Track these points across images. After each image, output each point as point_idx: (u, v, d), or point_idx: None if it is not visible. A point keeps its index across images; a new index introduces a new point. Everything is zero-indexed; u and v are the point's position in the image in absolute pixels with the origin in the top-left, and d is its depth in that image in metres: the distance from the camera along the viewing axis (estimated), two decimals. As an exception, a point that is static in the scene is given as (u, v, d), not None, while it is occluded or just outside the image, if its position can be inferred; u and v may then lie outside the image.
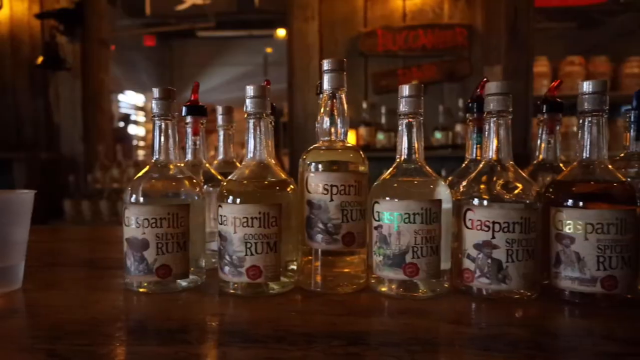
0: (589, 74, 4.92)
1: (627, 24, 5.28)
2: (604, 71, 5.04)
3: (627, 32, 5.29)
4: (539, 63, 5.00)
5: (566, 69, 4.94)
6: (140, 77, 7.07)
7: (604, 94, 0.60)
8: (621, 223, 0.56)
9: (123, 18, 6.49)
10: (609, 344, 0.45)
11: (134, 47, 6.81)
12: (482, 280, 0.59)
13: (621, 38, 5.41)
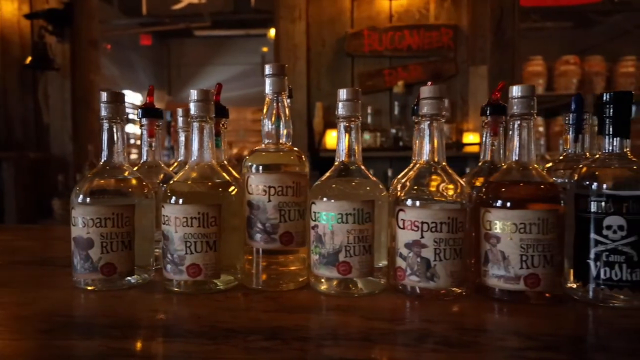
0: (584, 73, 4.93)
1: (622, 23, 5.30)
2: (599, 70, 5.05)
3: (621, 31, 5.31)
4: (534, 62, 5.02)
5: (561, 68, 4.95)
6: (137, 76, 7.09)
7: (532, 98, 0.62)
8: (543, 223, 0.58)
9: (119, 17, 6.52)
10: (512, 339, 0.47)
11: (131, 46, 6.84)
12: (412, 278, 0.61)
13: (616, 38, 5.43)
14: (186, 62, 7.77)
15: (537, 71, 4.97)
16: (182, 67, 7.77)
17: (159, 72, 7.75)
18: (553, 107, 5.17)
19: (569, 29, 5.41)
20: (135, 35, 6.81)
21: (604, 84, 4.98)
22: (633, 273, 0.57)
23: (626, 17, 5.21)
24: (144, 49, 7.11)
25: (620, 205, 0.57)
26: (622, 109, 0.60)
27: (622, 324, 0.52)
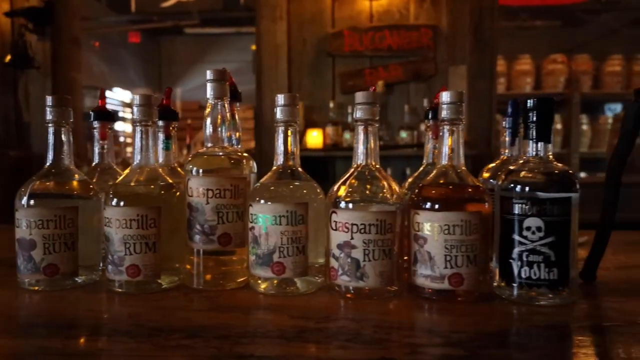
0: (572, 72, 4.98)
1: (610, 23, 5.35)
2: (586, 69, 5.10)
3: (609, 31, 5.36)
4: (522, 61, 5.06)
5: (549, 67, 5.00)
6: (127, 73, 7.07)
7: (460, 103, 0.64)
8: (466, 224, 0.60)
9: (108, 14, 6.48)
10: (422, 336, 0.50)
11: (120, 44, 6.80)
12: (343, 278, 0.63)
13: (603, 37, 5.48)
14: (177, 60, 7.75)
15: (525, 70, 5.02)
16: (173, 65, 7.75)
17: (149, 70, 7.72)
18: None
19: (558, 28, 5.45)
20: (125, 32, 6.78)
21: (591, 82, 5.03)
22: (550, 272, 0.59)
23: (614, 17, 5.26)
24: (133, 47, 7.08)
25: (539, 207, 0.59)
26: (544, 115, 0.62)
27: (534, 321, 0.55)
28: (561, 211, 0.59)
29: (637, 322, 0.54)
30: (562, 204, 0.59)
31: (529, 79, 4.98)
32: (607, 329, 0.53)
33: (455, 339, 0.49)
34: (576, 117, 4.98)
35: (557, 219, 0.59)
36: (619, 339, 0.50)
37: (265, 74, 2.87)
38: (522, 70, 4.93)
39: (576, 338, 0.50)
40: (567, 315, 0.57)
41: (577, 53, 5.08)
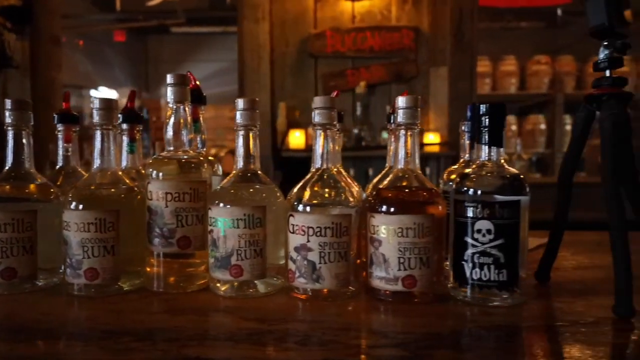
0: (555, 72, 5.05)
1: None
2: (569, 70, 5.18)
3: (592, 32, 5.43)
4: (507, 62, 5.11)
5: (533, 68, 5.06)
6: (113, 72, 7.00)
7: (416, 108, 0.65)
8: (419, 227, 0.62)
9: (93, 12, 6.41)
10: (370, 337, 0.51)
11: (106, 42, 6.74)
12: (300, 280, 0.64)
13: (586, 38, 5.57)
14: (164, 59, 7.70)
15: (510, 71, 5.08)
16: (160, 64, 7.70)
17: (135, 69, 7.66)
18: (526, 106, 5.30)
19: (542, 29, 5.52)
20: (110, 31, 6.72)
21: (574, 83, 5.11)
22: (500, 274, 0.61)
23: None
24: (119, 45, 7.02)
25: (489, 211, 0.61)
26: (496, 120, 0.64)
27: (482, 322, 0.56)
28: (510, 214, 0.61)
29: (579, 322, 0.56)
30: (511, 207, 0.61)
31: (514, 79, 5.04)
32: (550, 329, 0.55)
33: (402, 340, 0.50)
34: (560, 117, 5.06)
35: (506, 221, 0.60)
36: (560, 339, 0.52)
37: (248, 75, 2.87)
38: (507, 71, 4.99)
39: (519, 338, 0.52)
40: (515, 315, 0.58)
41: (561, 54, 5.16)
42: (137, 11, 6.18)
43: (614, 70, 0.63)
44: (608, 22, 0.60)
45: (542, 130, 5.15)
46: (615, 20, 0.60)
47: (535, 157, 5.36)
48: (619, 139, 0.60)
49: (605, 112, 0.61)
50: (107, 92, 6.74)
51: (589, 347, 0.49)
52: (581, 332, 0.52)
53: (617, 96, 0.62)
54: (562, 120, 5.12)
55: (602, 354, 0.47)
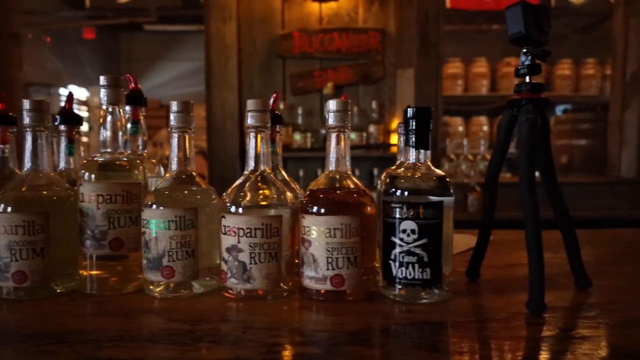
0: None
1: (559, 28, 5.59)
2: (538, 73, 5.30)
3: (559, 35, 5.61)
4: (478, 64, 5.21)
5: (503, 70, 5.17)
6: (84, 70, 6.85)
7: (346, 111, 0.67)
8: (346, 228, 0.63)
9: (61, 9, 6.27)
10: (281, 335, 0.52)
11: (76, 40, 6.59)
12: (232, 280, 0.65)
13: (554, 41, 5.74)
14: (136, 57, 7.58)
15: (481, 72, 5.18)
16: (132, 62, 7.57)
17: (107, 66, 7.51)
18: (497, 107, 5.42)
19: (513, 32, 5.65)
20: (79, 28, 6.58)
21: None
22: (424, 272, 0.63)
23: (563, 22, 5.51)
24: (90, 43, 6.87)
25: (413, 211, 0.63)
26: (422, 124, 0.66)
27: (401, 319, 0.58)
28: (433, 215, 0.63)
29: (494, 318, 0.58)
30: (434, 208, 0.63)
31: (485, 81, 5.15)
32: (464, 325, 0.57)
33: (318, 338, 0.51)
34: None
35: (429, 222, 0.63)
36: (470, 334, 0.54)
37: (215, 75, 2.85)
38: (478, 73, 5.09)
39: (431, 334, 0.54)
40: (436, 312, 0.60)
41: (530, 57, 5.28)
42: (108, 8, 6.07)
43: (533, 76, 0.66)
44: (525, 30, 0.63)
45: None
46: (532, 28, 0.63)
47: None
48: (534, 141, 0.63)
49: (523, 116, 0.64)
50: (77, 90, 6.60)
51: (496, 341, 0.51)
52: (491, 327, 0.55)
53: (535, 101, 0.65)
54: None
55: (507, 347, 0.50)
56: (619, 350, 0.48)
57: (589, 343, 0.50)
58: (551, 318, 0.57)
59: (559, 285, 0.71)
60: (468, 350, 0.49)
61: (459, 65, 4.58)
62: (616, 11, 3.19)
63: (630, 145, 3.07)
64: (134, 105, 0.80)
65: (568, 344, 0.50)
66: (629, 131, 3.07)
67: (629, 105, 3.07)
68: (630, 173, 3.07)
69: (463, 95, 5.17)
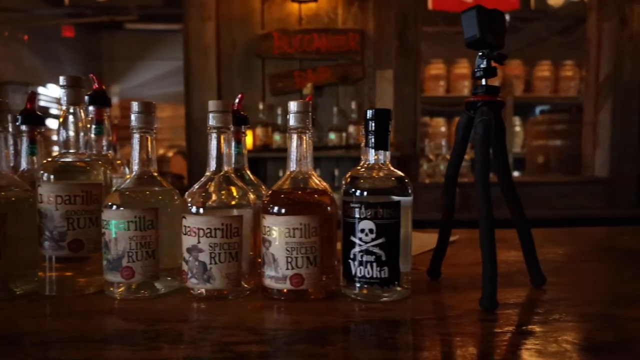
0: (505, 76, 5.26)
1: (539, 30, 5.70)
2: (518, 74, 5.41)
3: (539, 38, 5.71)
4: (460, 65, 5.27)
5: (485, 72, 5.23)
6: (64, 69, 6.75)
7: (307, 113, 0.68)
8: (305, 228, 0.64)
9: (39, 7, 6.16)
10: (236, 334, 0.52)
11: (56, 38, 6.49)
12: (192, 280, 0.65)
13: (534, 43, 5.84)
14: (119, 56, 7.48)
15: (463, 73, 5.25)
16: (114, 61, 7.48)
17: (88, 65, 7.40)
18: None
19: (494, 34, 5.74)
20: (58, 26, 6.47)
21: (523, 86, 5.35)
22: (381, 271, 0.64)
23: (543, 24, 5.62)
24: (70, 41, 6.77)
25: (371, 211, 0.64)
26: (381, 125, 0.67)
27: (357, 317, 0.59)
28: (391, 214, 0.64)
29: (448, 315, 0.59)
30: (391, 208, 0.64)
31: (467, 82, 5.23)
32: (418, 322, 0.58)
33: (271, 336, 0.52)
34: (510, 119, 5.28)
35: (387, 221, 0.64)
36: (421, 331, 0.55)
37: (194, 75, 2.84)
38: (461, 74, 5.16)
39: (382, 331, 0.55)
40: (392, 310, 0.61)
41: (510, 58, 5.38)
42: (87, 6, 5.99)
43: (489, 79, 0.68)
44: (480, 34, 0.64)
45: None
46: (487, 32, 0.65)
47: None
48: (488, 142, 0.64)
49: (478, 117, 0.65)
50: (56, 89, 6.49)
51: (447, 337, 0.52)
52: (444, 324, 0.56)
53: (490, 103, 0.66)
54: (512, 122, 5.36)
55: (456, 343, 0.51)
56: (565, 346, 0.49)
57: (534, 338, 0.51)
58: (503, 314, 0.59)
59: (516, 283, 0.73)
60: (417, 347, 0.50)
61: (441, 67, 4.63)
62: (590, 15, 3.26)
63: (604, 146, 3.15)
64: (97, 105, 0.79)
65: (514, 339, 0.52)
66: (602, 132, 3.15)
67: (602, 107, 3.14)
68: (604, 173, 3.14)
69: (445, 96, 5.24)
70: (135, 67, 7.28)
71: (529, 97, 5.39)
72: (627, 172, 3.05)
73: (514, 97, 5.27)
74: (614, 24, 3.03)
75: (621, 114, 3.05)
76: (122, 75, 7.25)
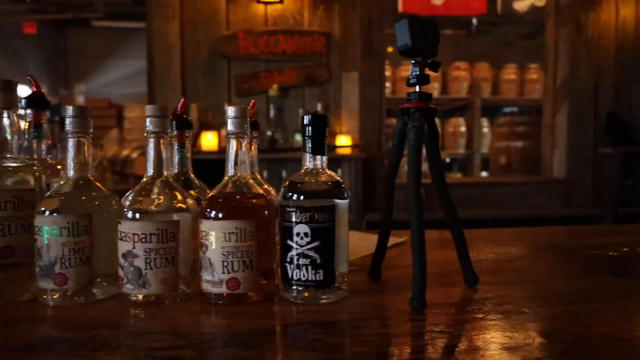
0: (474, 78, 5.38)
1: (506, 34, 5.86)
2: (486, 76, 5.54)
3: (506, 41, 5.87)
4: (429, 67, 5.33)
5: (453, 74, 5.35)
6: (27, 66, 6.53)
7: (244, 118, 0.68)
8: (241, 232, 0.65)
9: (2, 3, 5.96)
10: (163, 339, 0.53)
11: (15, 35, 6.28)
12: (128, 286, 0.65)
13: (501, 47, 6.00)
14: (84, 54, 7.29)
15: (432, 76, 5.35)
16: (80, 59, 7.29)
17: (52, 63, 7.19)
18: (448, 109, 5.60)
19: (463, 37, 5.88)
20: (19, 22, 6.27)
21: (490, 89, 5.48)
22: (317, 274, 0.65)
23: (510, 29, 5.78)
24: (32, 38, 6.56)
25: (306, 215, 0.65)
26: (318, 130, 0.68)
27: (289, 319, 0.60)
28: (325, 218, 0.65)
29: (380, 316, 0.61)
30: (326, 211, 0.65)
31: (437, 84, 5.33)
32: (348, 323, 0.59)
33: (199, 341, 0.52)
34: (477, 120, 5.41)
35: (321, 225, 0.65)
36: (349, 333, 0.56)
37: (158, 75, 2.80)
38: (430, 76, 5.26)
39: (312, 333, 0.56)
40: (324, 312, 0.62)
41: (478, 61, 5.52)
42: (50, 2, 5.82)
43: (422, 86, 0.70)
44: (411, 43, 0.66)
45: (462, 132, 5.50)
46: (420, 41, 0.67)
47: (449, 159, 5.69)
48: (420, 147, 0.66)
49: (411, 123, 0.67)
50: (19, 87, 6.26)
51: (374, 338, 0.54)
52: (373, 325, 0.58)
53: (422, 110, 0.68)
54: (480, 123, 5.49)
55: (380, 343, 0.52)
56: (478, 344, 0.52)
57: (454, 338, 0.54)
58: (431, 314, 0.61)
59: (451, 283, 0.75)
60: (339, 349, 0.51)
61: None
62: (548, 21, 3.37)
63: (561, 147, 3.26)
64: (35, 109, 0.78)
65: (437, 338, 0.54)
66: (560, 134, 3.26)
67: (560, 110, 3.26)
68: (561, 173, 3.26)
69: (414, 98, 5.30)
70: (102, 66, 7.12)
71: (497, 99, 5.54)
72: (582, 173, 3.18)
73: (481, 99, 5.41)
74: (569, 31, 3.14)
75: (577, 117, 3.17)
76: (88, 74, 7.08)
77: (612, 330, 0.55)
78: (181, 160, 0.82)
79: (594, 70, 3.13)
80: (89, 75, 7.08)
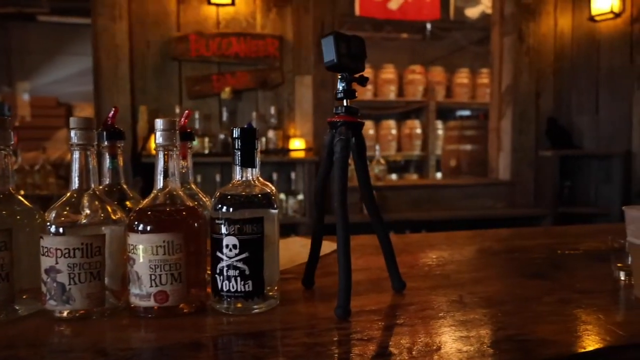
0: (428, 82, 5.53)
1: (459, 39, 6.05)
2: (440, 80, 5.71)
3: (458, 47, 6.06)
4: (386, 70, 5.45)
5: (409, 77, 5.48)
6: (-35, 62, 6.16)
7: (174, 130, 0.69)
8: (169, 245, 0.65)
9: None
10: (88, 357, 0.52)
11: (-49, 29, 5.91)
12: (51, 302, 0.64)
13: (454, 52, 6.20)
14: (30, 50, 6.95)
15: (389, 78, 5.46)
16: (25, 55, 6.93)
17: (-5, 59, 6.81)
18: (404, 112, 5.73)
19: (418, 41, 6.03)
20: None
21: (444, 92, 5.66)
22: (245, 284, 0.66)
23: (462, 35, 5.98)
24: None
25: (234, 227, 0.66)
26: (247, 143, 0.69)
27: (215, 331, 0.61)
28: (254, 230, 0.66)
29: (307, 325, 0.63)
30: (254, 223, 0.66)
31: (393, 87, 5.45)
32: (273, 334, 0.61)
33: (122, 356, 0.52)
34: (432, 123, 5.57)
35: (250, 237, 0.66)
36: (272, 343, 0.58)
37: (104, 76, 2.72)
38: (387, 79, 5.36)
39: (232, 345, 0.57)
40: (252, 323, 0.63)
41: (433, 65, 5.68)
42: (-9, -4, 5.54)
43: (349, 100, 0.72)
44: (337, 59, 0.69)
45: (417, 134, 5.64)
46: (345, 57, 0.69)
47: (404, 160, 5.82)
48: (346, 159, 0.69)
49: (337, 137, 0.70)
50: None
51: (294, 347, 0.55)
52: (298, 334, 0.59)
53: (348, 124, 0.71)
54: (435, 126, 5.66)
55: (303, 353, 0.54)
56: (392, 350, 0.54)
57: (373, 344, 0.56)
58: (356, 322, 0.63)
59: (380, 289, 0.78)
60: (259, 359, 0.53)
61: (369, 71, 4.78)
62: (493, 29, 3.52)
63: (506, 151, 3.41)
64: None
65: (358, 346, 0.56)
66: (505, 138, 3.41)
67: (504, 114, 3.41)
68: (506, 176, 3.41)
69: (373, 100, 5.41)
70: (49, 62, 6.81)
71: (450, 102, 5.72)
72: (525, 175, 3.34)
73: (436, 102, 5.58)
74: (512, 39, 3.29)
75: (520, 122, 3.33)
76: (34, 71, 6.75)
77: (516, 332, 0.59)
78: (113, 171, 0.81)
79: (535, 77, 3.29)
80: (35, 72, 6.76)
